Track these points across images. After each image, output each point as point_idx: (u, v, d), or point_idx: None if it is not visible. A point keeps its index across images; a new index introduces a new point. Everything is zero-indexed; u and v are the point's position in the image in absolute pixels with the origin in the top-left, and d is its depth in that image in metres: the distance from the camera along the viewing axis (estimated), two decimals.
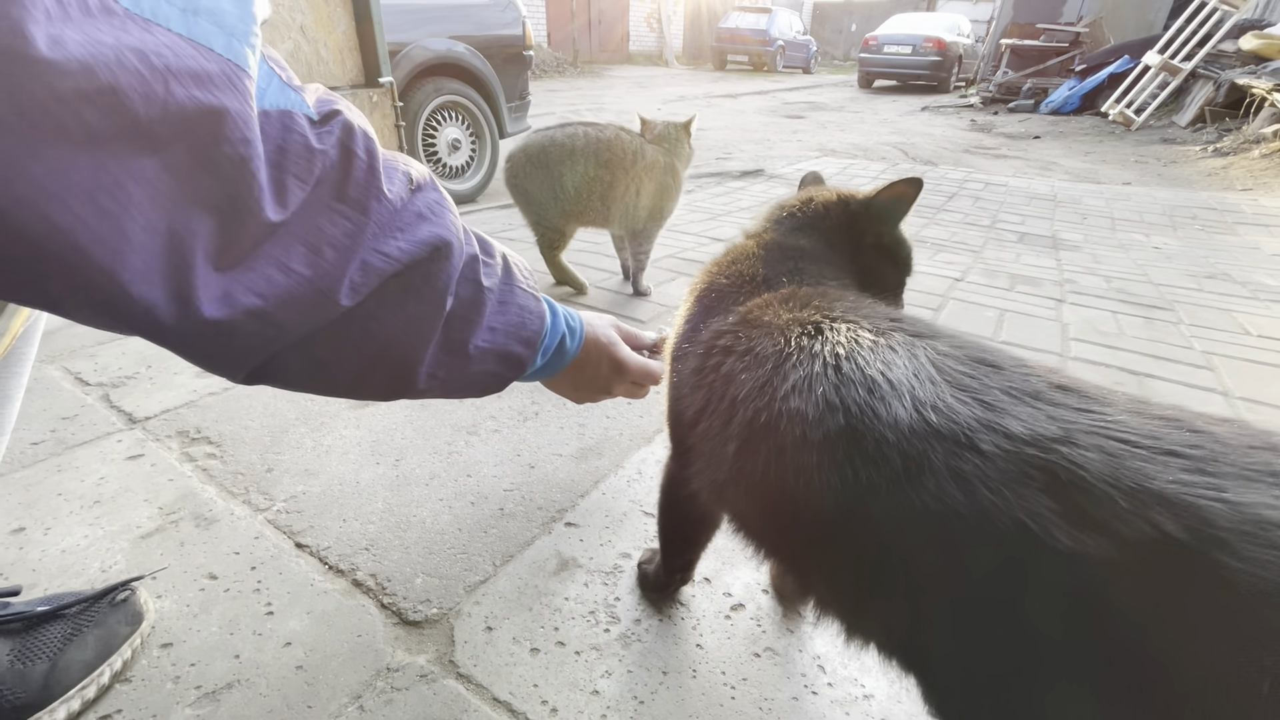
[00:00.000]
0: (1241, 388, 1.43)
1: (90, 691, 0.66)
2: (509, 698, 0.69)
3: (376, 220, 0.41)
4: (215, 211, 0.34)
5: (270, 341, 0.39)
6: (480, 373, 0.54)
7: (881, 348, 0.46)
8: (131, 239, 0.31)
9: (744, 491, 0.49)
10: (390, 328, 0.45)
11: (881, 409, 0.41)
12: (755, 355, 0.50)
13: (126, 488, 0.98)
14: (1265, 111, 5.38)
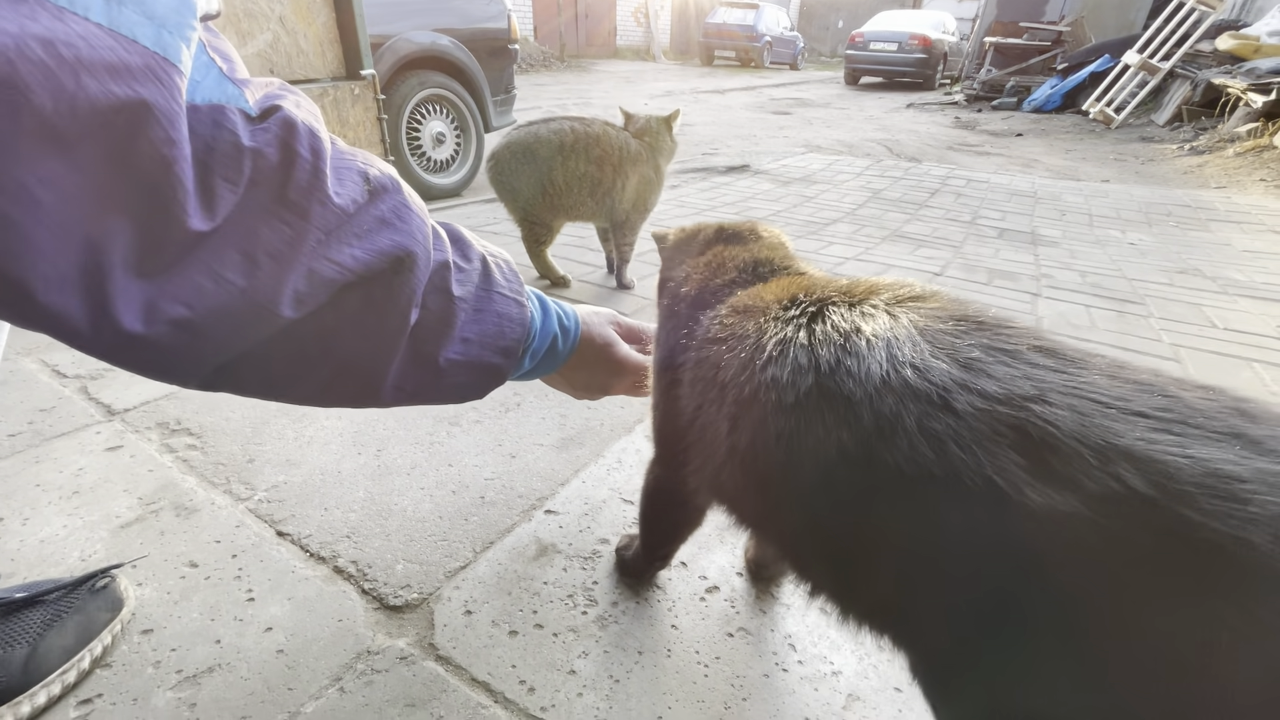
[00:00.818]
0: (1206, 378, 1.47)
1: (70, 676, 0.67)
2: (487, 678, 0.70)
3: (321, 225, 0.38)
4: (134, 216, 0.31)
5: (205, 354, 0.36)
6: (454, 384, 0.52)
7: (859, 311, 0.46)
8: (39, 246, 0.28)
9: (736, 470, 0.49)
10: (349, 342, 0.42)
11: (854, 365, 0.41)
12: (738, 337, 0.51)
13: (106, 478, 0.98)
14: (1240, 111, 5.49)
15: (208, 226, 0.33)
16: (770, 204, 3.16)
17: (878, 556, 0.41)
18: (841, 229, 2.75)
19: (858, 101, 9.76)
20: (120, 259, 0.31)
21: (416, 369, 0.48)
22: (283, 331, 0.38)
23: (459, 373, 0.51)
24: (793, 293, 0.53)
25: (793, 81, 13.56)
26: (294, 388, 0.43)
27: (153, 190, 0.31)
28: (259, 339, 0.37)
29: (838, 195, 3.45)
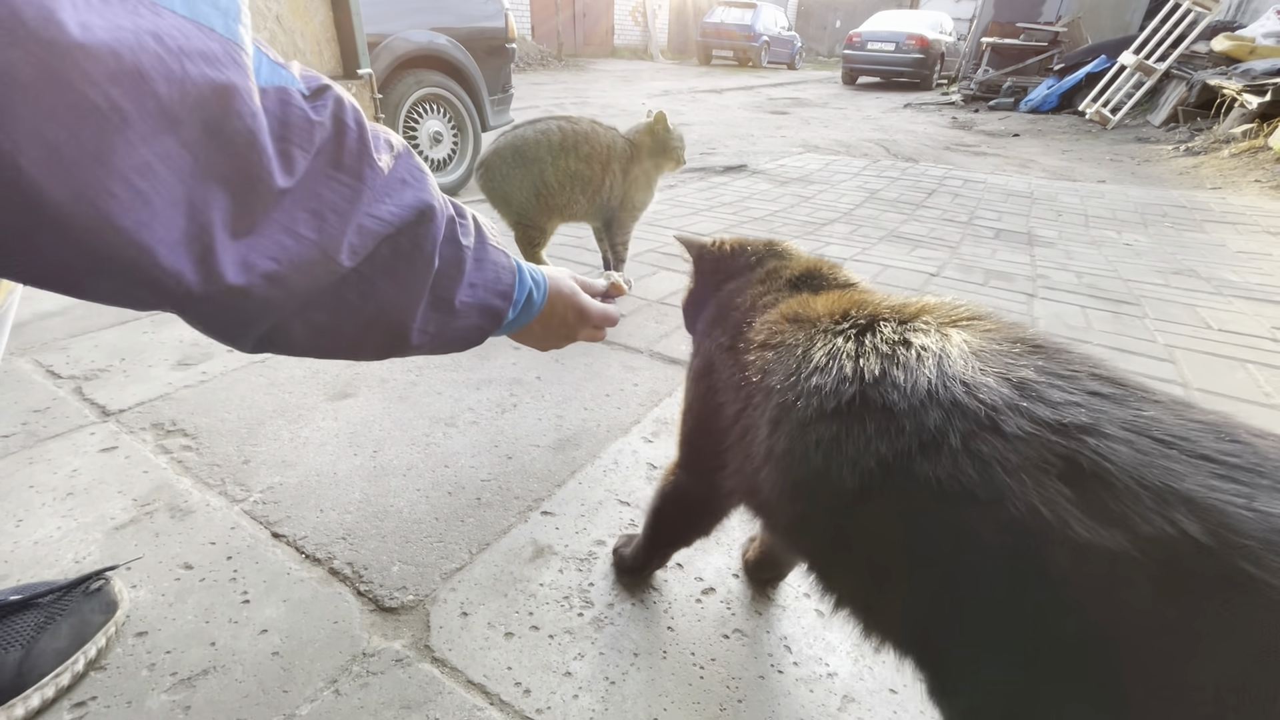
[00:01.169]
0: (1200, 379, 1.49)
1: (64, 679, 0.67)
2: (483, 680, 0.70)
3: (370, 185, 0.44)
4: (229, 183, 0.36)
5: (281, 305, 0.41)
6: (465, 327, 0.57)
7: (911, 327, 0.46)
8: (160, 214, 0.33)
9: (773, 473, 0.48)
10: (384, 289, 0.47)
11: (901, 377, 0.41)
12: (788, 345, 0.51)
13: (100, 480, 0.98)
14: (1235, 112, 5.51)
15: (288, 184, 0.39)
16: (768, 204, 3.16)
17: (908, 575, 0.40)
18: (839, 229, 2.76)
19: (855, 101, 9.76)
20: (219, 220, 0.36)
21: (437, 313, 0.53)
22: (340, 280, 0.44)
23: (469, 314, 0.57)
24: (845, 306, 0.53)
25: (790, 81, 13.56)
26: (338, 336, 0.48)
27: (242, 160, 0.36)
28: (322, 288, 0.43)
29: (835, 195, 3.45)
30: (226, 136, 0.34)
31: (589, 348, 1.50)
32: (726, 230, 2.61)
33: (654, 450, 1.13)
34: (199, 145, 0.34)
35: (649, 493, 1.01)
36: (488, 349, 1.47)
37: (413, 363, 1.39)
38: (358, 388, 1.28)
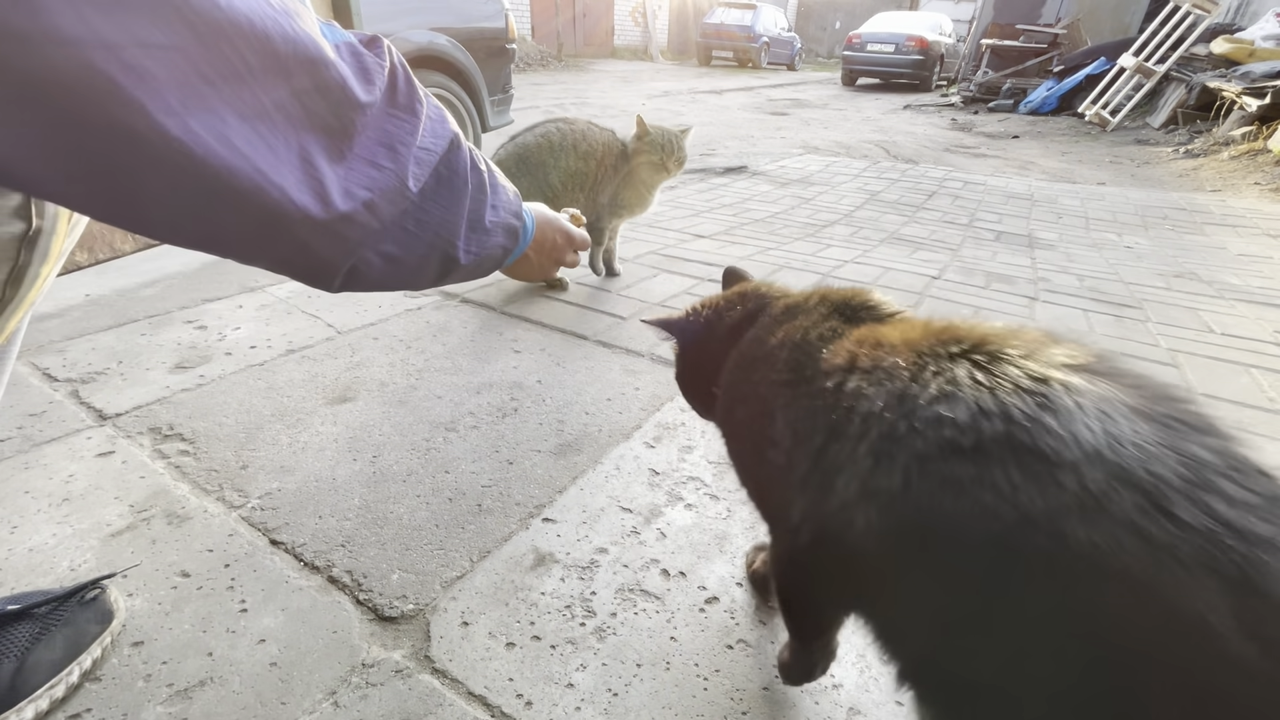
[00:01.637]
0: (1204, 384, 1.48)
1: (59, 690, 0.66)
2: (484, 692, 0.69)
3: (421, 119, 0.50)
4: (325, 125, 0.42)
5: (371, 233, 0.47)
6: (495, 245, 0.63)
7: (1044, 365, 0.41)
8: (283, 157, 0.38)
9: (872, 511, 0.43)
10: (435, 214, 0.53)
11: (1057, 424, 0.36)
12: (885, 371, 0.46)
13: (96, 485, 0.97)
14: (1234, 114, 5.51)
15: (365, 122, 0.45)
16: (768, 206, 3.15)
17: (1034, 645, 0.36)
18: (839, 231, 2.75)
19: (855, 103, 9.77)
20: (322, 156, 0.41)
21: (474, 233, 0.59)
22: (405, 209, 0.49)
23: (497, 233, 0.63)
24: (941, 334, 0.48)
25: (790, 82, 13.57)
26: (404, 264, 0.52)
27: (334, 104, 0.42)
28: (394, 216, 0.48)
29: (835, 197, 3.45)
30: (323, 82, 0.40)
31: (590, 351, 1.49)
32: (727, 231, 2.60)
33: (656, 455, 1.12)
34: (305, 93, 0.39)
35: (651, 499, 1.01)
36: (488, 352, 1.46)
37: (412, 365, 1.38)
38: (357, 391, 1.27)
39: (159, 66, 0.31)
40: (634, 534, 0.94)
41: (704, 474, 1.08)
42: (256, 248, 0.42)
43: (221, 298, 1.68)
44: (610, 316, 1.70)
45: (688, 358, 0.78)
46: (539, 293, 1.84)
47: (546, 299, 1.80)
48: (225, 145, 0.35)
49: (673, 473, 1.08)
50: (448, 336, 1.53)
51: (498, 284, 1.89)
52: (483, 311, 1.69)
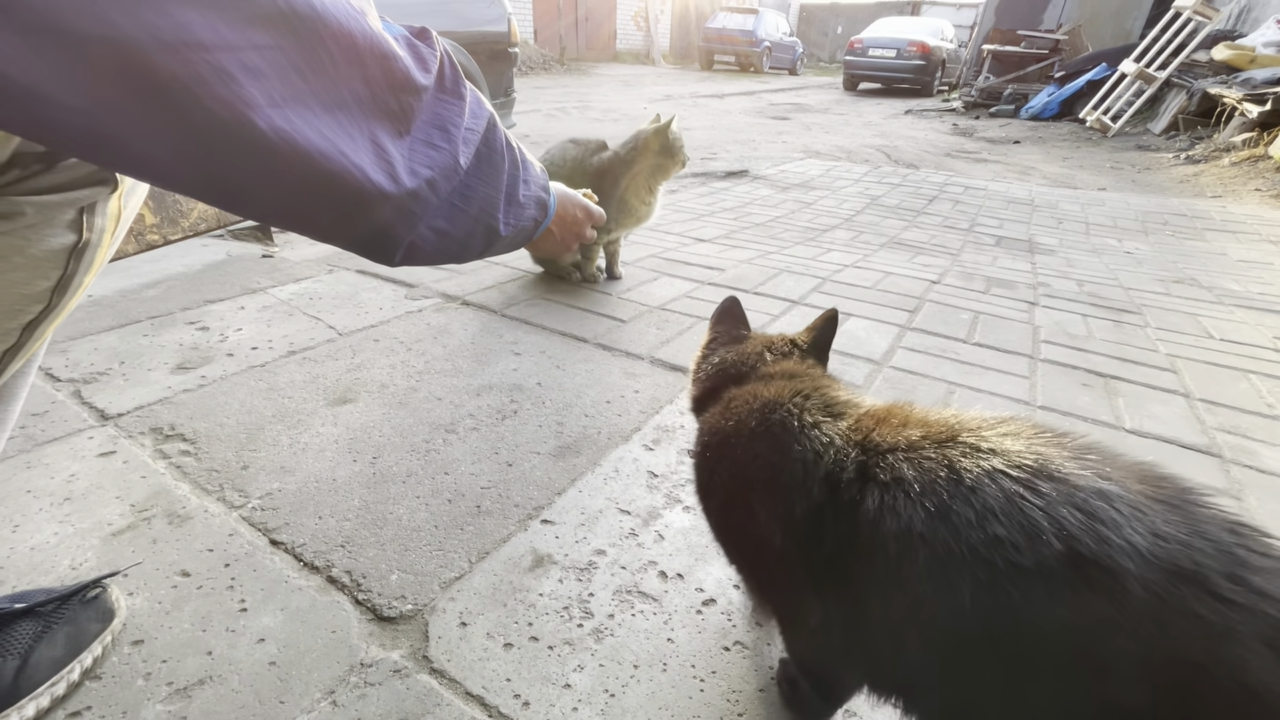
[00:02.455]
0: (1202, 390, 1.48)
1: (60, 688, 0.66)
2: (482, 692, 0.70)
3: (466, 102, 0.54)
4: (389, 111, 0.45)
5: (431, 209, 0.51)
6: (528, 217, 0.68)
7: (1060, 456, 0.42)
8: (359, 143, 0.43)
9: (924, 635, 0.44)
10: (478, 189, 0.57)
11: (1111, 534, 0.37)
12: (914, 482, 0.45)
13: (98, 485, 0.97)
14: (1235, 121, 5.52)
15: (422, 105, 0.48)
16: (769, 210, 3.16)
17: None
18: (840, 235, 2.76)
19: (856, 107, 9.79)
20: (389, 139, 0.45)
21: (511, 206, 0.63)
22: (461, 180, 0.53)
23: (530, 206, 0.67)
24: (944, 429, 0.48)
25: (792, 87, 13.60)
26: (453, 237, 0.56)
27: (398, 89, 0.46)
28: (452, 191, 0.53)
29: (836, 201, 3.46)
30: (385, 73, 0.44)
31: (590, 354, 1.50)
32: (728, 235, 2.61)
33: (655, 458, 1.12)
34: (375, 83, 0.43)
35: (650, 501, 1.01)
36: (488, 354, 1.47)
37: (413, 367, 1.39)
38: (357, 393, 1.28)
39: (267, 65, 0.36)
40: (632, 536, 0.94)
41: None
42: (339, 225, 0.46)
43: (223, 299, 1.68)
44: (610, 319, 1.71)
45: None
46: (539, 295, 1.85)
47: (547, 301, 1.81)
48: (316, 133, 0.39)
49: (671, 475, 1.08)
50: (448, 339, 1.54)
51: (498, 286, 1.90)
52: (483, 314, 1.70)
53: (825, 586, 0.51)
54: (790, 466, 0.53)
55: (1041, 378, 1.49)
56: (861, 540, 0.47)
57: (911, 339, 1.67)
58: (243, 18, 0.34)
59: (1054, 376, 1.50)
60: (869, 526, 0.46)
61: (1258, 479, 1.15)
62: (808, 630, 0.55)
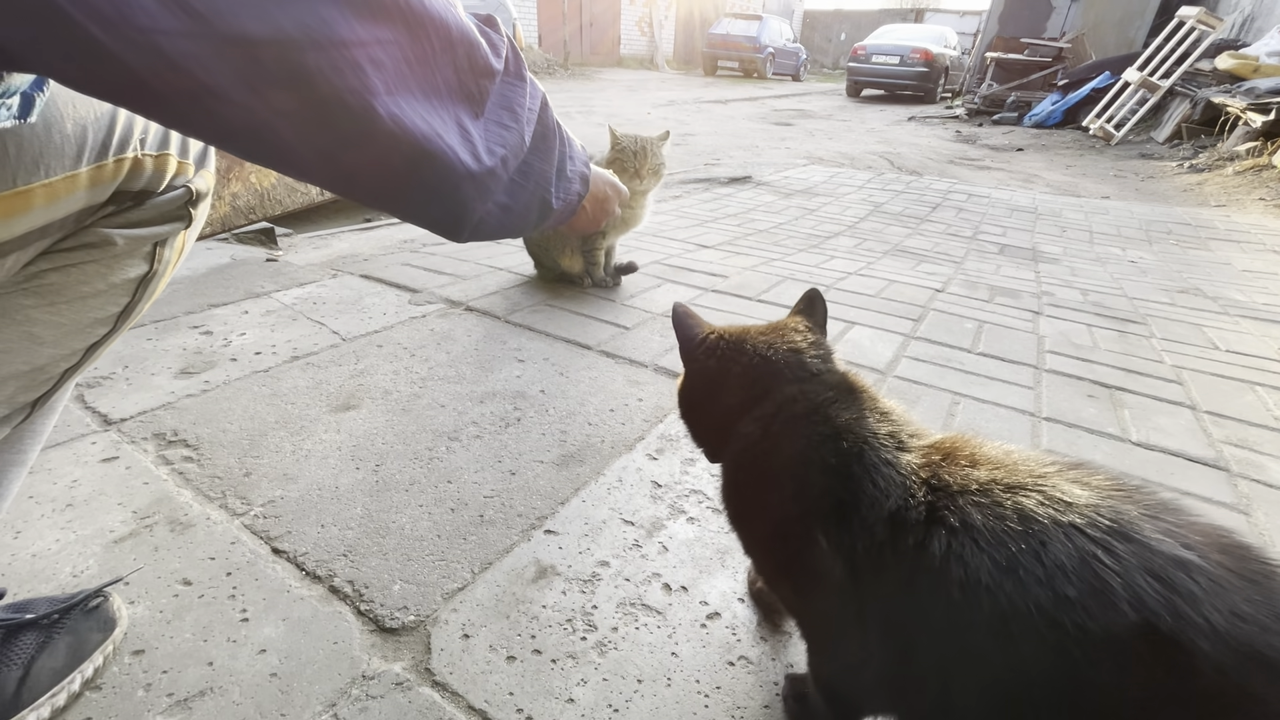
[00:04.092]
0: (1209, 401, 1.47)
1: (61, 699, 0.65)
2: (484, 705, 0.69)
3: (528, 84, 0.57)
4: (469, 94, 0.49)
5: (501, 186, 0.54)
6: (575, 192, 0.71)
7: (1152, 527, 0.40)
8: (449, 125, 0.46)
9: (973, 683, 0.43)
10: (535, 165, 0.60)
11: (1188, 610, 0.36)
12: (994, 533, 0.43)
13: (100, 491, 0.97)
14: (1239, 130, 5.52)
15: (495, 88, 0.52)
16: (772, 216, 3.16)
17: None
18: (843, 242, 2.75)
19: (859, 114, 9.80)
20: (469, 121, 0.49)
21: (561, 180, 0.66)
22: (524, 158, 0.56)
23: (575, 180, 0.70)
24: (1014, 472, 0.46)
25: (795, 93, 13.63)
26: (514, 211, 0.59)
27: (479, 74, 0.49)
28: (517, 167, 0.56)
29: (839, 208, 3.46)
30: (470, 60, 0.47)
31: (594, 361, 1.50)
32: (731, 242, 2.61)
33: (658, 467, 1.12)
34: (462, 70, 0.47)
35: (654, 512, 1.00)
36: (491, 361, 1.47)
37: (416, 374, 1.38)
38: (361, 399, 1.27)
39: (386, 57, 0.39)
40: (636, 547, 0.93)
41: (706, 487, 1.07)
42: (428, 202, 0.49)
43: (227, 303, 1.68)
44: (614, 326, 1.70)
45: (697, 385, 0.70)
46: (543, 302, 1.85)
47: (550, 307, 1.80)
48: (420, 118, 0.43)
49: (675, 485, 1.08)
50: (452, 345, 1.54)
51: (502, 292, 1.90)
52: (487, 320, 1.70)
53: (874, 620, 0.49)
54: (862, 504, 0.50)
55: (1046, 388, 1.49)
56: (923, 582, 0.46)
57: (916, 348, 1.67)
58: (370, 14, 0.37)
59: (1059, 387, 1.50)
60: (932, 571, 0.45)
61: (1266, 493, 1.14)
62: (844, 660, 0.54)
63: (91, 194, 0.48)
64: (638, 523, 0.98)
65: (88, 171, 0.46)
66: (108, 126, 0.48)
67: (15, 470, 0.63)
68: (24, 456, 0.63)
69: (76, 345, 0.55)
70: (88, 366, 0.58)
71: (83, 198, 0.47)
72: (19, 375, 0.52)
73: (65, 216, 0.47)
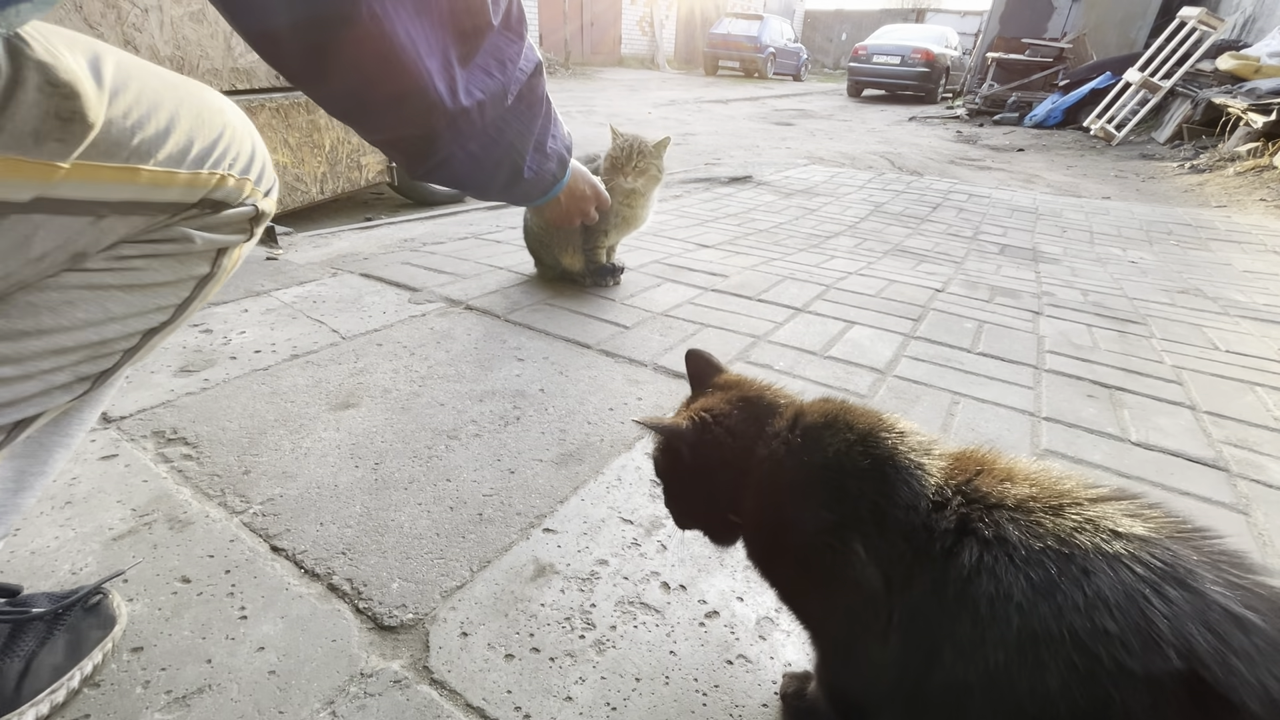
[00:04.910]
0: (1209, 402, 1.47)
1: (60, 695, 0.66)
2: (482, 704, 0.69)
3: (524, 42, 0.60)
4: (462, 33, 0.52)
5: (474, 131, 0.58)
6: (549, 170, 0.74)
7: (1211, 576, 0.38)
8: (434, 52, 0.50)
9: (992, 704, 0.42)
10: (513, 127, 0.63)
11: (1240, 667, 0.34)
12: (1032, 551, 0.42)
13: (99, 488, 0.97)
14: (1240, 130, 5.51)
15: (490, 35, 0.56)
16: (773, 216, 3.16)
17: None
18: (843, 242, 2.75)
19: (860, 114, 9.80)
20: (455, 58, 0.53)
21: (538, 153, 0.70)
22: (503, 112, 0.60)
23: (552, 159, 0.74)
24: (1054, 493, 0.44)
25: (796, 93, 13.63)
26: (481, 166, 0.63)
27: (474, 15, 0.53)
28: (492, 120, 0.59)
29: (840, 208, 3.46)
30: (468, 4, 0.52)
31: (593, 360, 1.50)
32: (731, 241, 2.61)
33: None
34: (455, 3, 0.50)
35: (653, 511, 1.00)
36: (491, 359, 1.47)
37: (415, 372, 1.38)
38: (360, 398, 1.27)
39: None
40: (635, 546, 0.93)
41: None
42: (396, 120, 0.54)
43: (227, 301, 1.69)
44: (613, 325, 1.70)
45: (686, 477, 0.64)
46: (543, 301, 1.85)
47: (550, 306, 1.80)
48: (404, 28, 0.47)
49: None
50: (451, 343, 1.54)
51: (502, 291, 1.90)
52: (486, 319, 1.70)
53: (898, 629, 0.48)
54: (897, 508, 0.49)
55: (1046, 388, 1.49)
56: (947, 593, 0.44)
57: (916, 348, 1.67)
58: None
59: (1059, 387, 1.50)
60: (960, 581, 0.44)
61: (1265, 494, 1.14)
62: (862, 668, 0.53)
63: (185, 192, 0.56)
64: (636, 521, 0.98)
65: (186, 174, 0.55)
66: (210, 147, 0.57)
67: (60, 452, 0.66)
68: (70, 440, 0.66)
69: (138, 327, 0.60)
70: (141, 356, 0.63)
71: (177, 193, 0.56)
72: (89, 345, 0.58)
73: (161, 202, 0.55)
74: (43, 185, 0.45)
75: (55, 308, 0.53)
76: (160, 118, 0.52)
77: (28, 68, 0.41)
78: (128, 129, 0.50)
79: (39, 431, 0.61)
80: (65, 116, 0.43)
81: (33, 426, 0.56)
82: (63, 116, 0.43)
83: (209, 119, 0.57)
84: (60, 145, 0.44)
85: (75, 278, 0.54)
